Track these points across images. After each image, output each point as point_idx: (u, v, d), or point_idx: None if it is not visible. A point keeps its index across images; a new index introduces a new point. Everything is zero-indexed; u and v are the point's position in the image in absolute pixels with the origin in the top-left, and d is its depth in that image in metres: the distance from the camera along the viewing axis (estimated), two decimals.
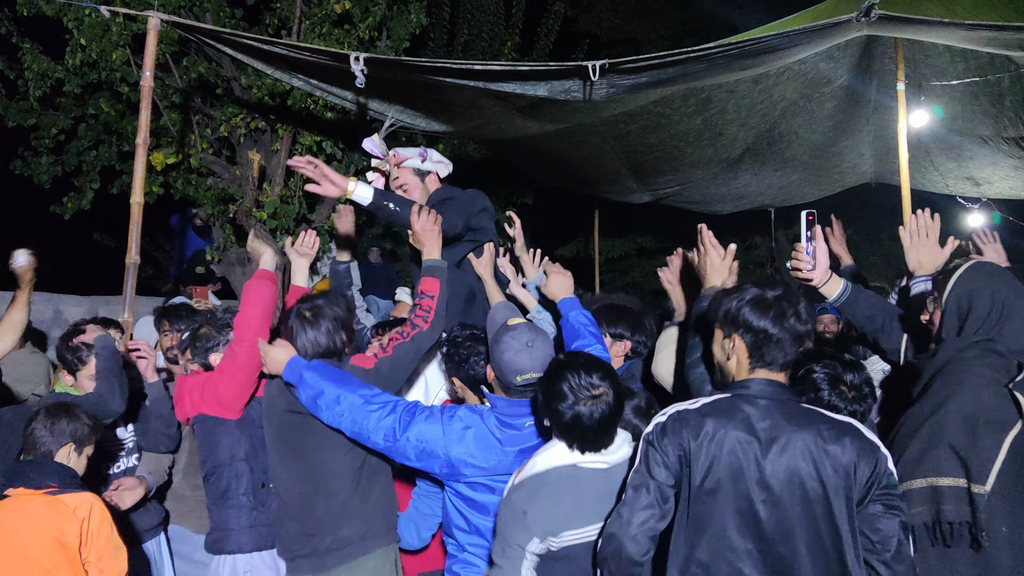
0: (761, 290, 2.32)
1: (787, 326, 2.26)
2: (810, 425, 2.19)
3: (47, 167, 7.41)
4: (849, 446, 2.16)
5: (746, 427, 2.19)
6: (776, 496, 2.14)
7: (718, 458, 2.17)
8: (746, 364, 2.32)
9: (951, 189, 7.91)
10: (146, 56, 4.22)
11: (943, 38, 4.60)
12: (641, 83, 4.44)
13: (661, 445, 2.24)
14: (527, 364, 2.76)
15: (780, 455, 2.15)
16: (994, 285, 2.67)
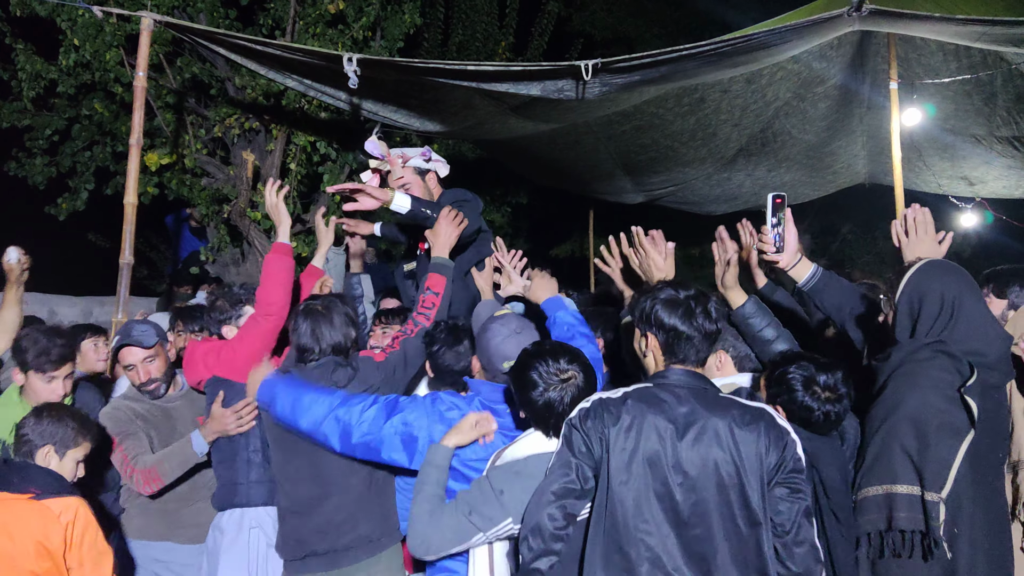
0: (674, 290, 2.42)
1: (696, 324, 2.36)
2: (725, 411, 2.27)
3: (41, 168, 7.41)
4: (762, 431, 2.24)
5: (664, 413, 2.26)
6: (692, 480, 2.20)
7: (636, 443, 2.23)
8: (661, 360, 2.42)
9: (945, 189, 7.94)
10: (139, 57, 4.23)
11: (935, 33, 4.61)
12: (634, 81, 4.45)
13: (584, 428, 2.30)
14: (514, 350, 2.74)
15: (696, 440, 2.22)
16: (945, 284, 2.61)
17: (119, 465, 3.48)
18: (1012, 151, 6.65)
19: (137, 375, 3.64)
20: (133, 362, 3.62)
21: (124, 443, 3.48)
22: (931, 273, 2.66)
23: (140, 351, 3.61)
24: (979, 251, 11.67)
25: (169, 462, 3.46)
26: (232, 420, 3.41)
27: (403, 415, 2.80)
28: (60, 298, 7.48)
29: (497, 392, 2.86)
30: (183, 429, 3.65)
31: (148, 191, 6.88)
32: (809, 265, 3.06)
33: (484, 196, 10.58)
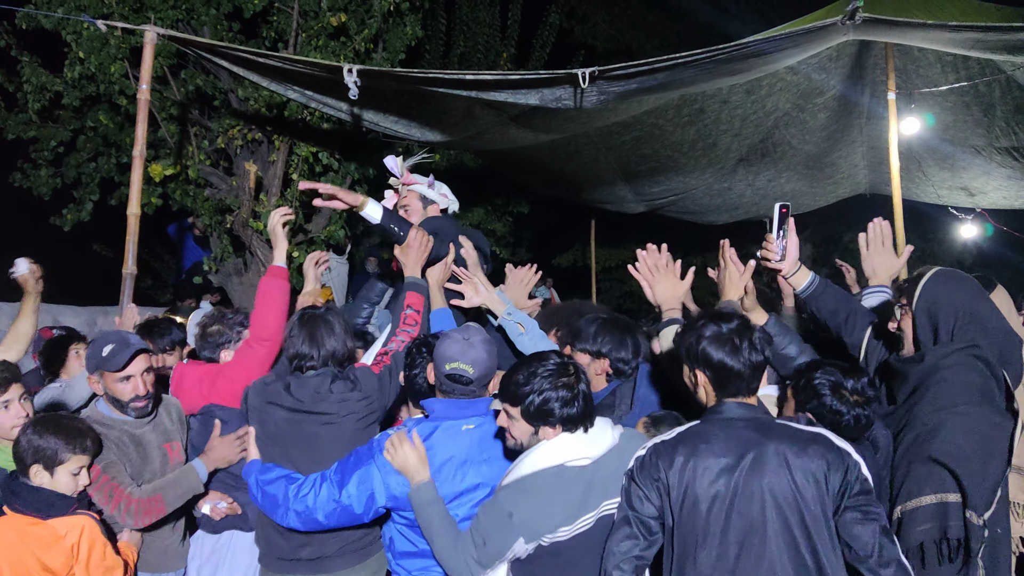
0: (718, 325, 2.41)
1: (743, 359, 2.36)
2: (779, 438, 2.28)
3: (46, 179, 7.48)
4: (818, 455, 2.23)
5: (717, 450, 2.28)
6: (750, 511, 2.21)
7: (692, 483, 2.26)
8: (712, 395, 2.43)
9: (944, 199, 7.95)
10: (143, 69, 4.27)
11: (929, 41, 4.64)
12: (631, 89, 4.47)
13: (640, 479, 2.36)
14: (457, 353, 2.77)
15: (751, 470, 2.23)
16: (956, 294, 2.71)
17: (102, 495, 3.05)
18: (1012, 161, 6.66)
19: (136, 387, 3.19)
20: (134, 372, 3.17)
21: (109, 471, 3.08)
22: (943, 284, 2.76)
23: (144, 359, 3.23)
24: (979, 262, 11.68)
25: (172, 491, 3.20)
26: (236, 448, 3.31)
27: (354, 480, 2.79)
28: (64, 308, 7.52)
29: (452, 409, 2.84)
30: (153, 458, 3.30)
31: (152, 202, 6.93)
32: (808, 273, 3.19)
33: (486, 206, 10.66)
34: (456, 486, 2.78)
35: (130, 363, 3.15)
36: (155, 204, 7.00)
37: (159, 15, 6.34)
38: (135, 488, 3.11)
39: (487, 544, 2.53)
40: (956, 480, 2.45)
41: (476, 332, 2.86)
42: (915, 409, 2.66)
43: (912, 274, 2.88)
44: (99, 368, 3.16)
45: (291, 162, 7.10)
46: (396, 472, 2.74)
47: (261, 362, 3.45)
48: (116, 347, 3.15)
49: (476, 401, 2.86)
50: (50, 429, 2.84)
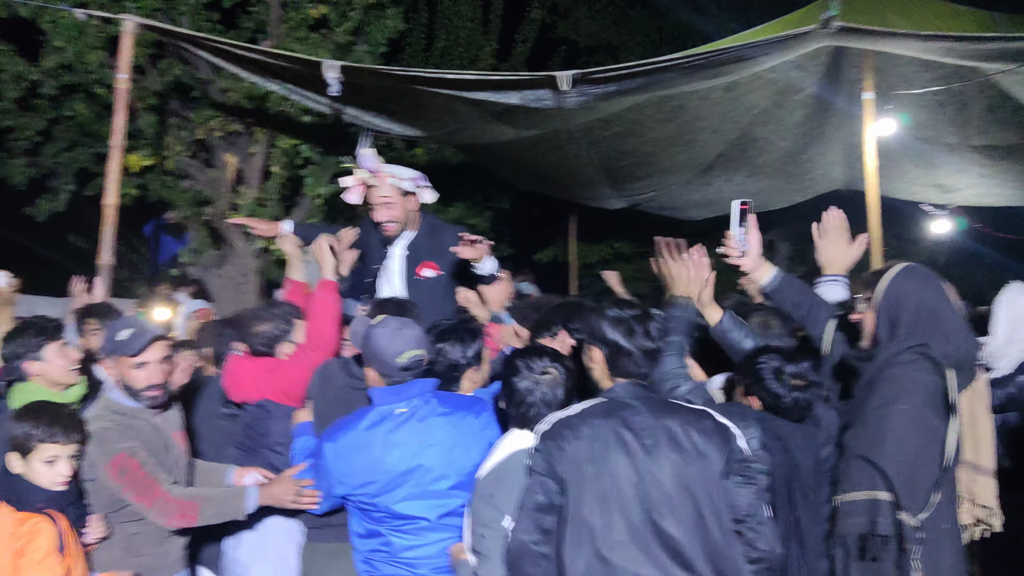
0: (619, 308, 2.58)
1: (636, 343, 2.50)
2: (673, 415, 2.41)
3: (22, 168, 7.40)
4: (708, 429, 2.39)
5: (624, 424, 2.38)
6: (659, 485, 2.30)
7: (599, 456, 2.34)
8: (607, 374, 2.57)
9: (918, 196, 8.05)
10: (121, 59, 4.25)
11: (903, 48, 4.71)
12: (611, 92, 4.52)
13: (546, 449, 2.40)
14: (402, 344, 2.81)
15: (655, 445, 2.34)
16: (920, 291, 2.76)
17: (138, 490, 2.94)
18: (985, 159, 6.76)
19: (151, 375, 3.09)
20: (150, 359, 3.08)
21: (145, 466, 2.96)
22: (908, 280, 2.80)
23: (162, 347, 3.16)
24: (953, 258, 11.82)
25: (213, 507, 3.04)
26: (293, 492, 3.05)
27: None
28: (39, 299, 7.45)
29: (390, 395, 2.89)
30: (172, 448, 3.23)
31: (129, 193, 6.88)
32: (771, 268, 3.26)
33: (466, 200, 10.65)
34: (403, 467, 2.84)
35: (146, 349, 3.05)
36: (132, 195, 6.95)
37: (137, 4, 6.29)
38: (171, 485, 3.00)
39: (486, 537, 2.56)
40: (887, 480, 2.53)
41: (396, 319, 2.93)
42: (863, 405, 2.73)
43: (879, 268, 2.92)
44: (114, 353, 3.08)
45: (271, 155, 7.07)
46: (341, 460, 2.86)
47: (313, 367, 3.52)
48: (135, 332, 3.06)
49: (412, 384, 2.91)
50: (28, 416, 2.81)
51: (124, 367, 3.09)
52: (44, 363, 3.39)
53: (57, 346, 3.41)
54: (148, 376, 3.09)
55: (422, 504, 2.84)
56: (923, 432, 2.56)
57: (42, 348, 3.38)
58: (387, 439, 2.84)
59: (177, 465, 3.23)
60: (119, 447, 2.96)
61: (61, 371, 3.41)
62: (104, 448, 2.95)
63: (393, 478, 2.83)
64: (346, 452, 2.86)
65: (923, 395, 2.60)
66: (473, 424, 2.95)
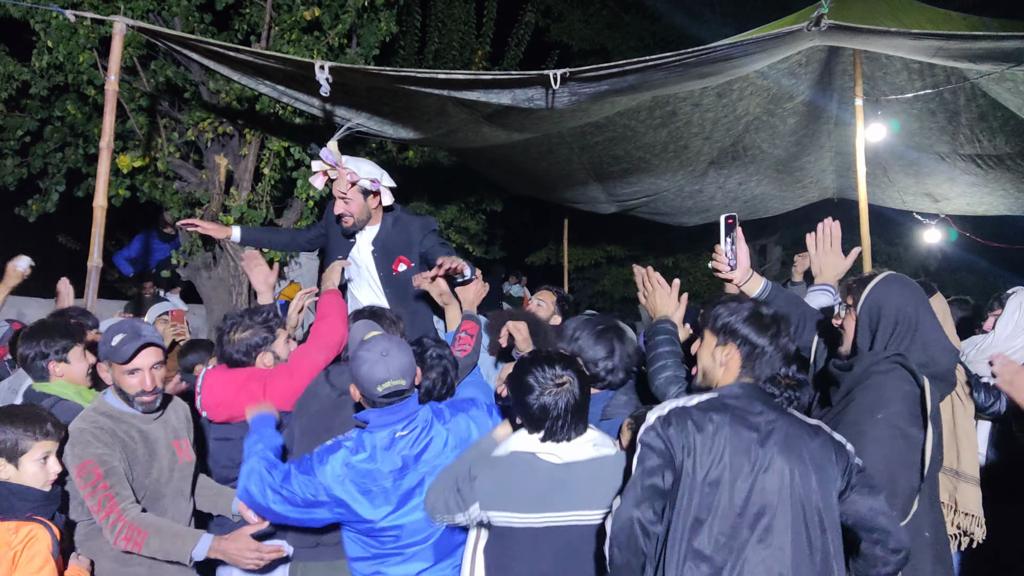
0: (756, 307, 2.53)
1: (780, 344, 2.49)
2: (793, 423, 2.38)
3: (12, 169, 7.36)
4: (826, 442, 2.36)
5: (746, 424, 2.33)
6: (774, 490, 2.27)
7: (721, 452, 2.29)
8: (736, 373, 2.49)
9: (909, 205, 8.08)
10: (111, 60, 4.23)
11: (893, 48, 4.72)
12: (603, 91, 4.51)
13: (666, 435, 2.34)
14: (384, 373, 2.76)
15: (776, 451, 2.30)
16: (901, 301, 2.76)
17: (96, 501, 2.89)
18: (975, 168, 6.79)
19: (143, 381, 3.05)
20: (142, 366, 3.04)
21: (109, 478, 2.91)
22: (889, 289, 2.81)
23: (154, 353, 3.08)
24: (944, 266, 11.89)
25: (161, 541, 2.94)
26: (251, 555, 2.96)
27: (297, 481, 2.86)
28: (29, 300, 7.41)
29: (384, 416, 2.86)
30: (161, 456, 3.16)
31: (120, 194, 6.85)
32: (760, 280, 3.27)
33: (459, 203, 10.66)
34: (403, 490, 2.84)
35: (137, 355, 3.01)
36: (123, 196, 6.92)
37: (129, 5, 6.27)
38: (130, 506, 2.93)
39: (458, 491, 2.66)
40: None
41: (386, 340, 2.86)
42: (841, 415, 2.74)
43: (863, 275, 2.93)
44: (107, 358, 3.05)
45: (263, 156, 7.05)
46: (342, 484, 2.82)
47: (317, 369, 3.46)
48: (125, 337, 3.02)
49: (406, 403, 2.87)
50: (4, 420, 2.77)
51: (117, 373, 3.05)
52: (68, 365, 3.41)
53: (81, 350, 3.44)
54: (140, 382, 3.05)
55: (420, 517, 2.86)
56: (900, 441, 2.57)
57: (69, 351, 3.40)
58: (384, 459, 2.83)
59: (164, 474, 3.16)
60: (89, 452, 2.92)
61: (82, 375, 3.44)
62: (74, 451, 2.93)
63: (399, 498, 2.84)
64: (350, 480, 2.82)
65: (900, 404, 2.61)
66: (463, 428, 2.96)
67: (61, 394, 3.26)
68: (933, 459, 2.59)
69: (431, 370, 3.18)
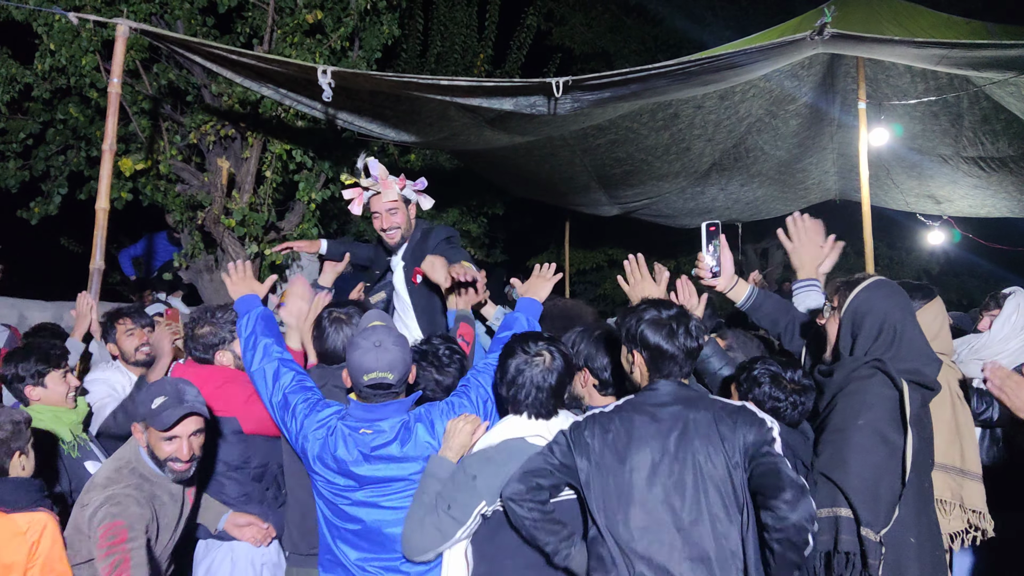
0: (657, 311, 2.57)
1: (678, 343, 2.52)
2: (708, 408, 2.45)
3: (14, 172, 7.36)
4: (741, 421, 2.40)
5: (652, 420, 2.44)
6: (683, 478, 2.34)
7: (627, 451, 2.40)
8: (647, 376, 2.59)
9: (912, 207, 8.08)
10: (114, 63, 4.23)
11: (896, 56, 4.72)
12: (605, 98, 4.52)
13: (571, 438, 2.50)
14: (373, 363, 2.78)
15: (682, 436, 2.39)
16: (886, 308, 2.74)
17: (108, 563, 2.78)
18: (978, 171, 6.79)
19: (180, 449, 2.98)
20: (181, 434, 2.97)
21: (131, 542, 2.82)
22: (875, 295, 2.78)
23: (196, 421, 3.01)
24: (947, 269, 11.86)
25: None
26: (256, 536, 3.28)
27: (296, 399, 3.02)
28: (31, 303, 7.42)
29: (360, 411, 2.88)
30: (185, 509, 3.15)
31: (122, 196, 6.85)
32: (746, 286, 3.30)
33: (461, 206, 10.65)
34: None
35: (178, 424, 2.95)
36: (125, 199, 6.93)
37: (132, 8, 6.27)
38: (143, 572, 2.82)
39: (452, 508, 2.64)
40: (847, 497, 2.54)
41: (384, 332, 2.87)
42: (826, 422, 2.74)
43: (850, 277, 2.90)
44: (145, 420, 2.98)
45: (264, 159, 7.05)
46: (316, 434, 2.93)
47: None
48: (167, 401, 2.94)
49: (388, 405, 2.87)
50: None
51: (152, 437, 2.99)
52: (45, 389, 3.42)
53: (59, 374, 3.44)
54: (176, 450, 2.99)
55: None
56: (882, 447, 2.57)
57: (45, 376, 3.41)
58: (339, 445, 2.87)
59: (180, 529, 3.16)
60: (125, 513, 2.86)
61: (61, 398, 3.45)
62: (111, 509, 2.85)
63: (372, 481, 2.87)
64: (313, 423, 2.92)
65: (881, 409, 2.60)
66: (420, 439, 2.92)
67: (36, 420, 3.12)
68: (920, 464, 2.58)
69: (450, 366, 3.20)
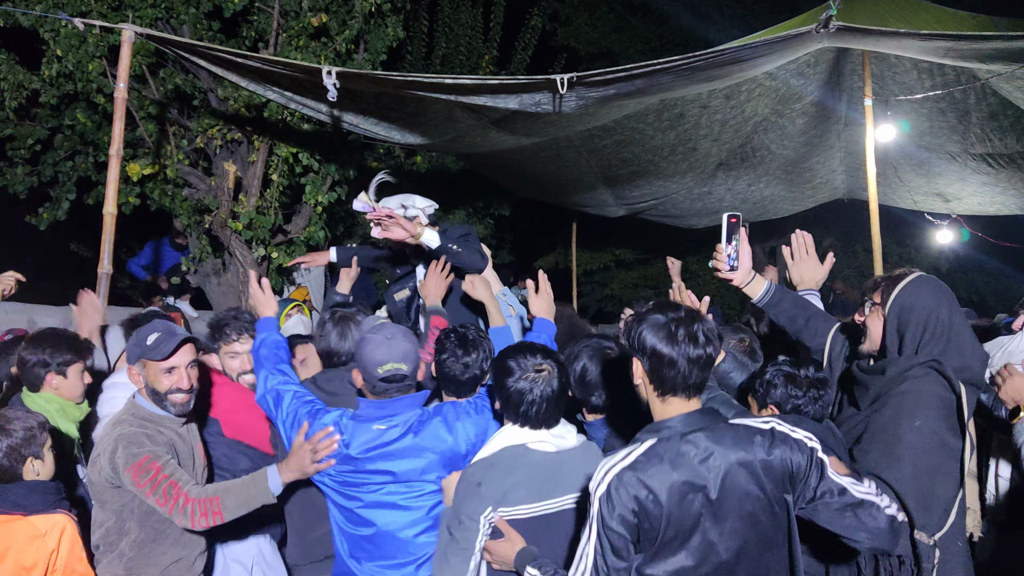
0: (662, 313, 2.23)
1: (679, 348, 2.17)
2: (741, 442, 2.15)
3: (23, 177, 7.39)
4: (781, 448, 2.15)
5: (686, 469, 2.10)
6: (730, 527, 2.10)
7: (670, 508, 2.08)
8: (652, 388, 2.24)
9: (920, 205, 8.04)
10: (120, 68, 4.24)
11: (902, 49, 4.69)
12: (610, 95, 4.50)
13: (610, 508, 2.09)
14: (386, 354, 2.83)
15: (723, 484, 2.10)
16: (932, 304, 2.70)
17: (159, 493, 2.84)
18: (987, 168, 6.75)
19: (180, 379, 3.06)
20: (179, 363, 3.06)
21: (167, 468, 2.87)
22: (923, 290, 2.75)
23: (190, 350, 3.12)
24: (956, 267, 11.80)
25: (235, 497, 2.90)
26: (308, 456, 2.88)
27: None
28: (40, 308, 7.45)
29: (371, 409, 2.91)
30: (197, 461, 3.20)
31: (130, 201, 6.87)
32: (763, 282, 3.21)
33: (467, 208, 10.65)
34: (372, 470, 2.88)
35: (176, 352, 3.03)
36: (132, 203, 6.95)
37: (138, 13, 6.29)
38: (194, 487, 2.90)
39: (463, 522, 2.59)
40: (901, 499, 2.46)
41: (392, 327, 2.93)
42: (873, 419, 2.68)
43: (892, 273, 2.87)
44: (142, 357, 3.04)
45: (271, 162, 7.06)
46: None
47: None
48: (161, 336, 3.03)
49: (400, 399, 2.92)
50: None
51: (152, 372, 3.05)
52: (65, 380, 3.43)
53: (81, 368, 3.47)
54: (177, 380, 3.06)
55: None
56: (939, 449, 2.50)
57: (70, 366, 3.43)
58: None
59: (198, 476, 3.18)
60: (143, 451, 2.89)
61: (74, 393, 3.46)
62: (127, 451, 2.88)
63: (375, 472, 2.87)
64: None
65: (937, 411, 2.54)
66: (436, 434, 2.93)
67: (42, 410, 3.21)
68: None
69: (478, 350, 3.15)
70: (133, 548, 2.96)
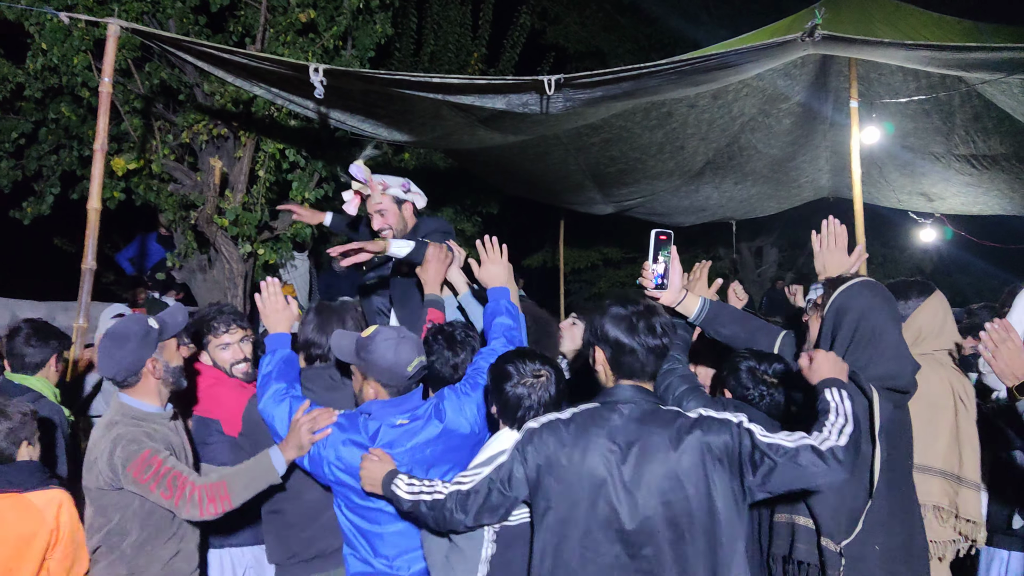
0: (622, 305, 2.46)
1: (639, 340, 2.39)
2: (667, 425, 2.31)
3: (7, 171, 7.33)
4: (702, 432, 2.27)
5: (608, 434, 2.32)
6: (637, 500, 2.23)
7: (580, 465, 2.30)
8: (611, 375, 2.47)
9: (904, 204, 8.11)
10: (105, 63, 4.21)
11: (887, 57, 4.73)
12: (596, 97, 4.52)
13: (524, 450, 2.41)
14: (411, 352, 2.87)
15: (639, 459, 2.26)
16: (865, 307, 2.66)
17: (164, 486, 2.85)
18: (970, 168, 6.81)
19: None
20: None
21: (168, 461, 2.89)
22: (859, 294, 2.70)
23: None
24: (939, 266, 11.90)
25: (241, 479, 2.93)
26: (307, 428, 2.92)
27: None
28: (23, 303, 7.39)
29: (387, 408, 2.90)
30: (188, 456, 3.18)
31: (114, 196, 6.82)
32: (697, 299, 3.07)
33: (455, 205, 10.65)
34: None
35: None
36: (117, 198, 6.90)
37: (124, 7, 6.25)
38: (196, 476, 2.92)
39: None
40: (807, 506, 2.53)
41: (389, 328, 2.95)
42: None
43: (840, 276, 2.86)
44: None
45: (257, 159, 7.04)
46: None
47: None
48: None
49: (414, 393, 2.95)
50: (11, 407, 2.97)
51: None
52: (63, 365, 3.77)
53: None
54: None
55: None
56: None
57: (62, 353, 3.76)
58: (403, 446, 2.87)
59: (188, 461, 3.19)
60: (143, 447, 2.88)
61: (57, 377, 3.75)
62: (128, 449, 2.86)
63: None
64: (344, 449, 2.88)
65: None
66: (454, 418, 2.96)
67: (41, 390, 3.55)
68: (896, 471, 2.56)
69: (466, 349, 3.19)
70: (135, 548, 2.95)
